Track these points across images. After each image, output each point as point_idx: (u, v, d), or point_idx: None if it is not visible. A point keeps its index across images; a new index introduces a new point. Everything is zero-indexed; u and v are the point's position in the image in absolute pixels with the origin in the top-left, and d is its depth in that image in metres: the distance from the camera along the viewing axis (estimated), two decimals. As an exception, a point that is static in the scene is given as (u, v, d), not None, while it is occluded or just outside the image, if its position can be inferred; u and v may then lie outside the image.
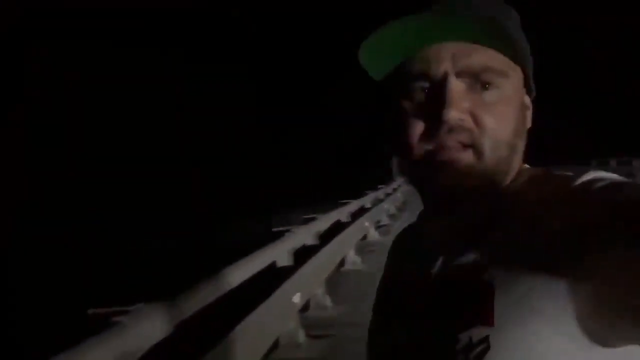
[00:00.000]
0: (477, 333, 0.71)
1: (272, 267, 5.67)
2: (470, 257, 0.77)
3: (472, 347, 0.71)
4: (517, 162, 0.82)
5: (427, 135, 0.76)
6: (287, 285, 5.08)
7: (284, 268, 5.85)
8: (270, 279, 5.33)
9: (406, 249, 0.94)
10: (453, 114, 0.73)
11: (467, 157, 0.76)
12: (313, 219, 8.37)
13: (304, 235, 7.01)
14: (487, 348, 0.69)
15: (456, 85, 0.75)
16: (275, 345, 5.04)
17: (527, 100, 0.84)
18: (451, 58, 0.76)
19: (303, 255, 6.39)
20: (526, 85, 0.83)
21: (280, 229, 6.93)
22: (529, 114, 0.85)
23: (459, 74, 0.76)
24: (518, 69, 0.80)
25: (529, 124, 0.84)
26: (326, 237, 8.10)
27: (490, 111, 0.76)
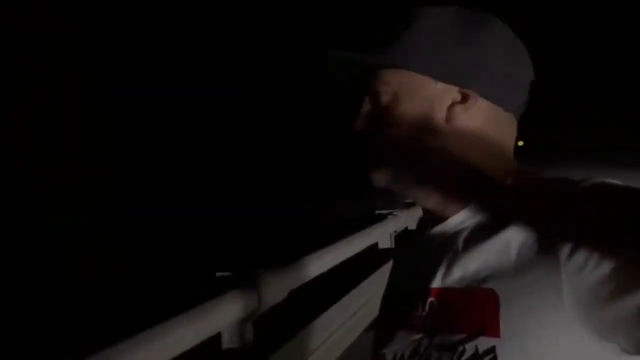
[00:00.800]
0: (484, 343, 0.70)
1: (374, 247, 5.82)
2: (473, 266, 0.76)
3: (479, 357, 0.70)
4: (450, 165, 0.81)
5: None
6: (385, 267, 5.24)
7: (385, 250, 6.02)
8: (371, 259, 5.56)
9: (409, 257, 0.93)
10: (358, 124, 0.84)
11: (374, 153, 0.84)
12: (414, 204, 8.27)
13: (405, 218, 7.10)
14: (494, 358, 0.69)
15: (365, 105, 0.84)
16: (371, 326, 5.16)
17: (456, 95, 0.81)
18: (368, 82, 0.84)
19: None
20: (465, 99, 0.81)
21: (383, 211, 7.00)
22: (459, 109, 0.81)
23: (368, 95, 0.85)
24: (433, 84, 0.81)
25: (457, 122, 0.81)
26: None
27: (390, 114, 0.82)
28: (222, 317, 2.65)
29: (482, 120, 0.81)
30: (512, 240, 0.73)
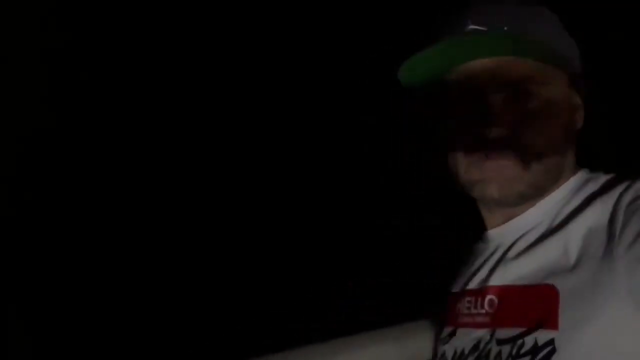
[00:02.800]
0: (543, 336, 0.72)
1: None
2: (533, 264, 0.78)
3: (538, 349, 0.72)
4: (568, 165, 0.83)
5: (472, 150, 0.79)
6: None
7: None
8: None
9: (470, 256, 0.94)
10: (495, 130, 0.76)
11: (514, 169, 0.77)
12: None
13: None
14: (553, 351, 0.70)
15: (496, 100, 0.77)
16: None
17: (576, 100, 0.83)
18: (489, 74, 0.77)
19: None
20: (573, 85, 0.82)
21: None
22: (580, 114, 0.84)
23: (498, 89, 0.77)
24: (561, 72, 0.80)
25: (579, 125, 0.84)
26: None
27: (532, 121, 0.77)
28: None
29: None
30: (573, 238, 0.74)
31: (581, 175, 0.83)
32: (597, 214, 0.74)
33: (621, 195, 0.73)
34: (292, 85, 3.04)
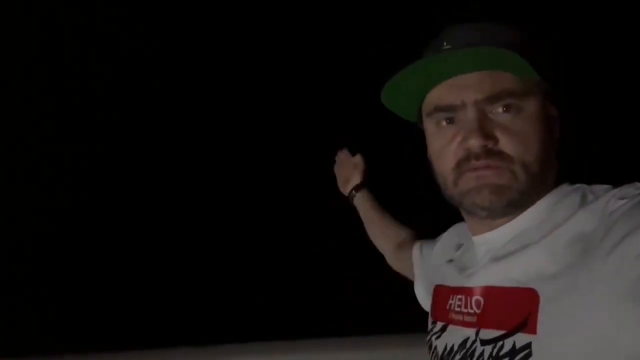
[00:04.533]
0: (521, 339, 0.74)
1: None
2: (519, 267, 0.79)
3: (516, 353, 0.74)
4: (552, 175, 0.84)
5: (459, 163, 0.81)
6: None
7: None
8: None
9: (454, 259, 0.97)
10: (477, 142, 0.78)
11: (503, 177, 0.79)
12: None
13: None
14: (530, 354, 0.72)
15: (478, 114, 0.79)
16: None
17: (553, 112, 0.85)
18: (471, 88, 0.79)
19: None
20: (549, 98, 0.83)
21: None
22: (557, 125, 0.85)
23: (480, 102, 0.79)
24: (542, 84, 0.81)
25: (557, 136, 0.85)
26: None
27: (515, 133, 0.79)
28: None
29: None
30: (557, 245, 0.76)
31: (564, 186, 0.85)
32: (581, 223, 0.75)
33: (604, 204, 0.74)
34: (292, 85, 3.06)
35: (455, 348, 0.86)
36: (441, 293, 0.96)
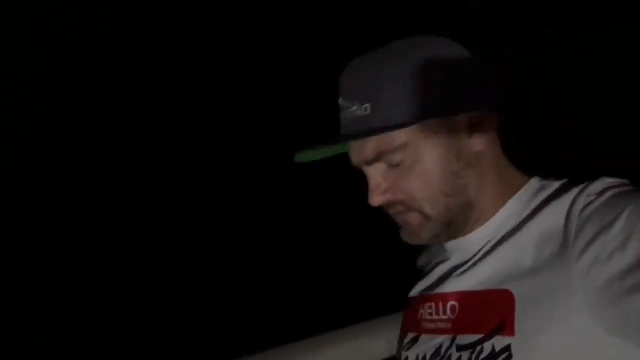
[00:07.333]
0: (500, 342, 0.74)
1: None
2: (491, 269, 0.80)
3: (495, 355, 0.74)
4: (499, 183, 0.83)
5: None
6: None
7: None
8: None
9: (429, 264, 0.96)
10: (374, 202, 0.82)
11: (414, 219, 0.82)
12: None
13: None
14: (510, 357, 0.73)
15: (371, 172, 0.82)
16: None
17: (461, 131, 0.81)
18: (356, 153, 0.83)
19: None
20: (449, 123, 0.80)
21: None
22: (474, 138, 0.81)
23: (367, 163, 0.82)
24: (424, 123, 0.78)
25: (476, 147, 0.81)
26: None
27: (409, 178, 0.80)
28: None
29: (489, 136, 0.82)
30: (527, 243, 0.77)
31: (533, 183, 0.84)
32: (551, 219, 0.76)
33: (574, 200, 0.75)
34: (292, 85, 3.07)
35: (428, 357, 0.84)
36: (412, 303, 0.95)
